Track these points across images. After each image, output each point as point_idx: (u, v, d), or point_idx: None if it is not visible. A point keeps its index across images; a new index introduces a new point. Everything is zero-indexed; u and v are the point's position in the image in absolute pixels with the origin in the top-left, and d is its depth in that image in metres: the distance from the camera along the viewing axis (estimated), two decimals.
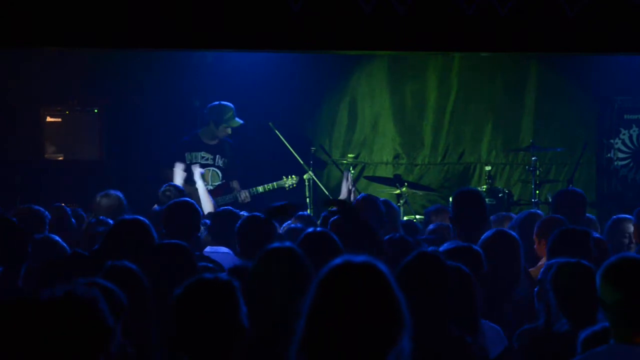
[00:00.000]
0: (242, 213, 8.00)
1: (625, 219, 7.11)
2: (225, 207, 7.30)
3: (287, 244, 4.11)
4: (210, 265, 5.64)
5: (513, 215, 7.71)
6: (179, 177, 8.98)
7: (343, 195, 8.68)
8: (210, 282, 3.39)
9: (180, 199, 6.77)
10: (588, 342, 3.63)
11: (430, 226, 7.20)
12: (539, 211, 7.47)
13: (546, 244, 5.50)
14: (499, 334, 4.55)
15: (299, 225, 6.79)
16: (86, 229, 6.61)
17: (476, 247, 4.90)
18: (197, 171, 9.27)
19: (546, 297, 4.40)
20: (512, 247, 5.26)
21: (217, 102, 9.87)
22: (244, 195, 9.55)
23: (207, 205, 8.63)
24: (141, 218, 5.38)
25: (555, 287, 4.27)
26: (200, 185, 8.90)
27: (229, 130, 9.83)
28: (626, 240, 7.04)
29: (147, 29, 7.48)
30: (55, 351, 2.18)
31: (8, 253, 4.96)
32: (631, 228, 7.03)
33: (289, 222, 8.13)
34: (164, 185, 7.96)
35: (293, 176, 9.73)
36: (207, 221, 7.08)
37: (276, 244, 4.11)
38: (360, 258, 2.57)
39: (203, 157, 9.78)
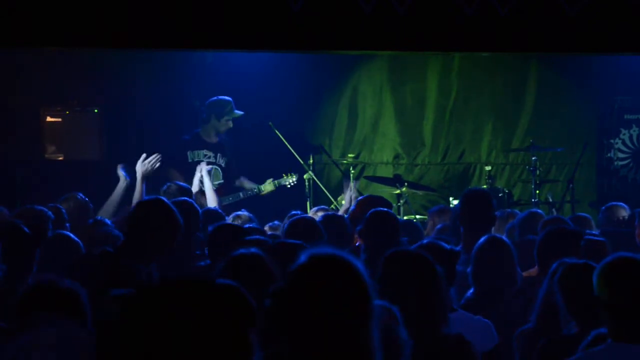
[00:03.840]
0: (242, 212, 8.02)
1: (618, 205, 7.26)
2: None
3: (253, 250, 4.11)
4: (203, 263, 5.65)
5: (517, 212, 7.72)
6: (197, 177, 8.94)
7: (347, 203, 8.69)
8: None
9: (179, 197, 6.75)
10: (593, 343, 3.62)
11: (438, 226, 7.21)
12: (539, 211, 7.48)
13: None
14: (491, 329, 4.54)
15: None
16: (85, 230, 6.60)
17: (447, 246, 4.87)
18: (204, 168, 9.19)
19: (550, 298, 4.38)
20: (503, 253, 5.27)
21: (215, 98, 9.91)
22: (268, 187, 9.58)
23: (213, 203, 8.62)
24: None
25: (562, 289, 4.24)
26: (207, 182, 8.90)
27: (231, 124, 9.83)
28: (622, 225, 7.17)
29: (147, 29, 7.48)
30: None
31: (16, 259, 4.92)
32: (623, 213, 7.17)
33: (272, 222, 8.14)
34: (167, 184, 7.94)
35: (292, 174, 9.72)
36: None
37: (242, 250, 4.10)
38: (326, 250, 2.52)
39: (205, 156, 9.78)
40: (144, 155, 8.31)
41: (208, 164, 9.46)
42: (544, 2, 7.57)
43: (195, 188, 8.86)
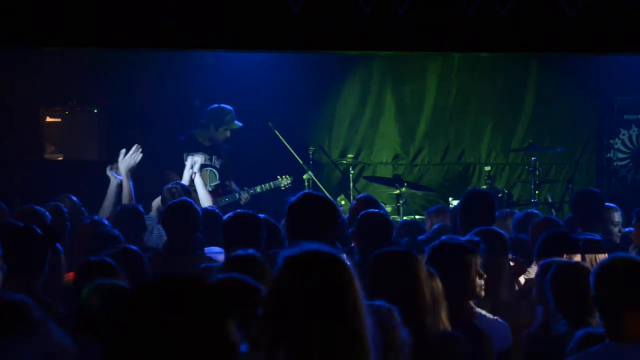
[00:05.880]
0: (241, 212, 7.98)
1: (611, 207, 7.24)
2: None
3: (250, 251, 4.10)
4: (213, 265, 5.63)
5: (517, 212, 7.74)
6: (187, 173, 8.90)
7: (185, 181, 8.55)
8: None
9: (179, 198, 6.76)
10: (584, 343, 3.62)
11: (435, 226, 7.22)
12: (536, 211, 7.48)
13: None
14: (508, 330, 4.55)
15: None
16: (82, 230, 6.60)
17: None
18: (197, 163, 9.08)
19: (544, 297, 4.40)
20: (495, 242, 5.27)
21: (216, 105, 9.79)
22: (245, 196, 9.50)
23: (205, 200, 8.60)
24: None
25: (553, 288, 4.26)
26: (197, 179, 8.86)
27: (228, 133, 9.74)
28: (615, 229, 7.14)
29: (147, 29, 7.48)
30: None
31: (29, 262, 4.90)
32: (617, 217, 7.16)
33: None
34: (172, 183, 7.90)
35: (287, 176, 9.69)
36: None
37: (239, 251, 4.10)
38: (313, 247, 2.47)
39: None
40: (123, 151, 8.28)
41: (203, 166, 9.36)
42: (544, 2, 7.57)
43: (185, 181, 8.80)
